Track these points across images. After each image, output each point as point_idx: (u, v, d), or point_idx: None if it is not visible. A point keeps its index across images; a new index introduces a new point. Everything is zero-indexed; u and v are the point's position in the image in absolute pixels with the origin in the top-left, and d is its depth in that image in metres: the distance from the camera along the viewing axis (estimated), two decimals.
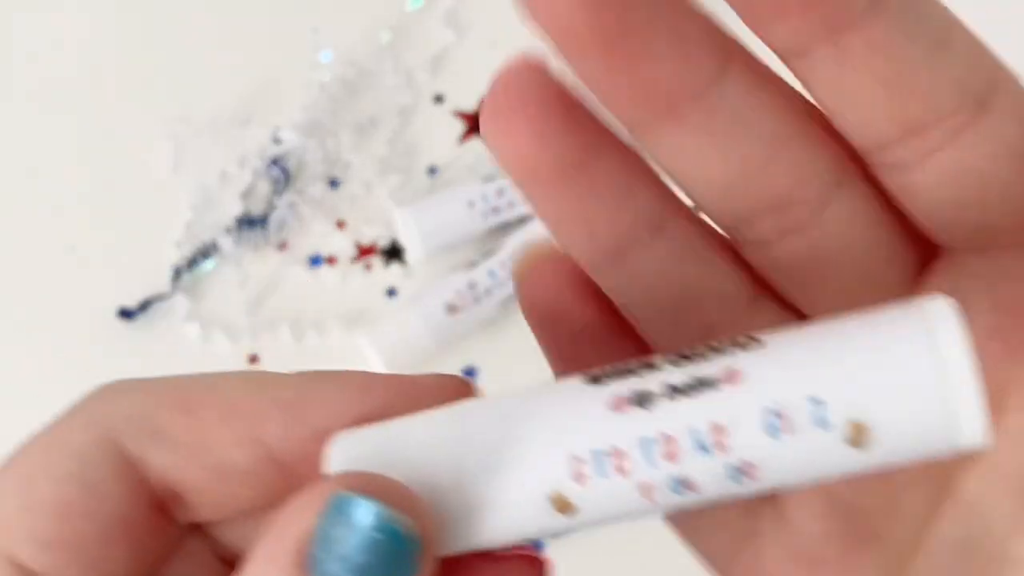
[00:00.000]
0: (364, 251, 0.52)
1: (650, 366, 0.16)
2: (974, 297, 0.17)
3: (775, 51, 0.17)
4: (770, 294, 0.19)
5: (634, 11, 0.17)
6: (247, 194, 0.52)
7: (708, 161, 0.18)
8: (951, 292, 0.17)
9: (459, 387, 0.18)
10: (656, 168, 0.19)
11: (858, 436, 0.15)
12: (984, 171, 0.17)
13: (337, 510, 0.15)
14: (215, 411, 0.18)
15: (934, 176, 0.17)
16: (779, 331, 0.16)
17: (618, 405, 0.15)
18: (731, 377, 0.15)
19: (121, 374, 0.19)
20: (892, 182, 0.18)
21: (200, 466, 0.18)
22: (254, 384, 0.18)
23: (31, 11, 0.56)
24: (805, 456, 0.15)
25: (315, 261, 0.51)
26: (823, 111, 0.18)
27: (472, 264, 0.48)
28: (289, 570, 0.15)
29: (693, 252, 0.19)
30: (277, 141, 0.52)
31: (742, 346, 0.15)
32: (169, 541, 0.19)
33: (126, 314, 0.50)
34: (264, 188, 0.52)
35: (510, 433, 0.16)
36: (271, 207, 0.52)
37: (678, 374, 0.15)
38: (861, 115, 0.17)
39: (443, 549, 0.16)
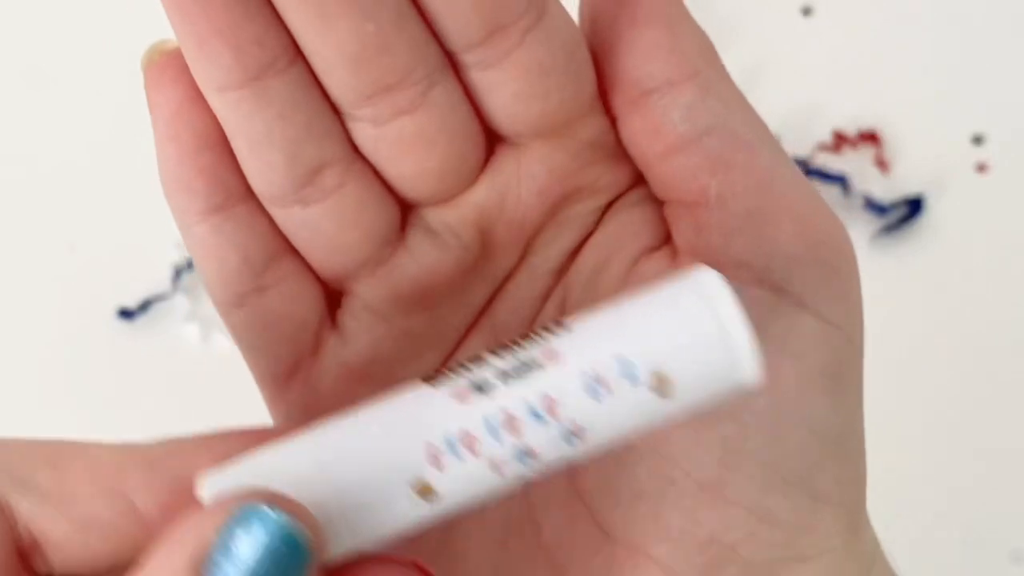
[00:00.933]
0: None
1: (478, 360, 0.18)
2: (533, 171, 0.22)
3: None
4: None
5: None
6: None
7: (340, 32, 0.20)
8: (520, 179, 0.22)
9: None
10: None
11: (662, 385, 0.17)
12: (544, 64, 0.21)
13: (243, 519, 0.16)
14: (80, 464, 0.18)
15: (508, 72, 0.21)
16: (578, 316, 0.18)
17: (460, 395, 0.18)
18: (551, 356, 0.18)
19: (121, 374, 0.19)
20: (472, 78, 0.21)
21: (64, 517, 0.18)
22: (119, 446, 0.19)
23: (32, 10, 0.56)
24: (623, 411, 0.17)
25: None
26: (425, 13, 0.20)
27: None
28: (193, 562, 0.16)
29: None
30: None
31: (552, 332, 0.18)
32: None
33: (126, 314, 0.50)
34: None
35: (368, 437, 0.18)
36: None
37: (505, 362, 0.18)
38: (454, 15, 0.20)
39: (328, 555, 0.17)
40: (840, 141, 0.52)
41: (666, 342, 0.18)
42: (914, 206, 0.51)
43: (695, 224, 0.21)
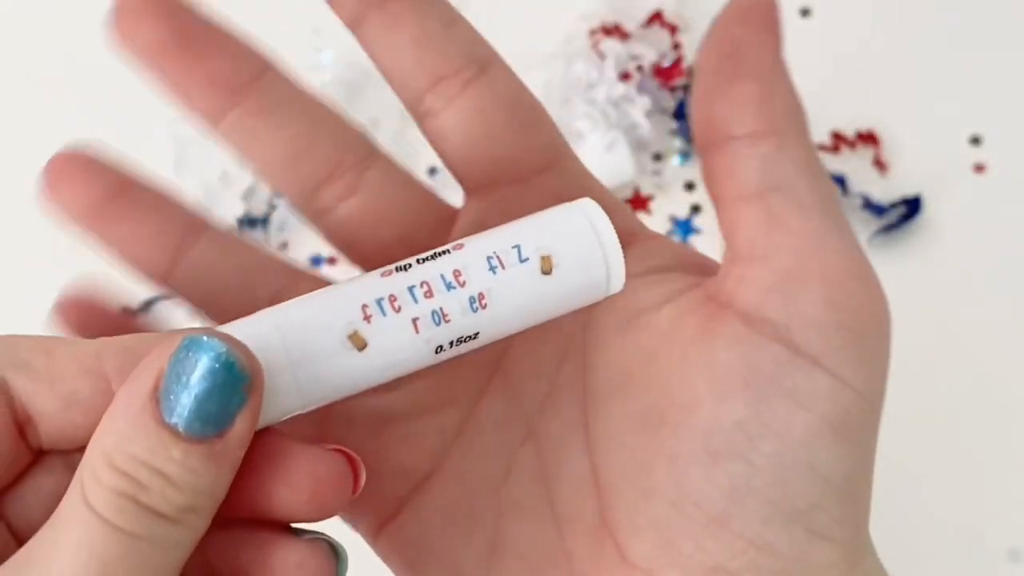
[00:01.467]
0: None
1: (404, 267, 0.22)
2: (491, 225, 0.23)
3: (345, 23, 0.27)
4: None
5: (192, 23, 0.28)
6: (248, 194, 0.52)
7: (271, 138, 0.25)
8: (479, 224, 0.25)
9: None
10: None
11: (547, 265, 0.22)
12: (486, 111, 0.25)
13: (186, 348, 0.20)
14: (67, 350, 0.22)
15: (453, 118, 0.25)
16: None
17: (386, 273, 0.22)
18: (459, 247, 0.22)
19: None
20: (428, 127, 0.26)
21: (53, 394, 0.21)
22: (101, 339, 0.22)
23: (34, 10, 0.56)
24: (516, 285, 0.22)
25: (316, 261, 0.52)
26: (381, 71, 0.26)
27: None
28: (145, 400, 0.20)
29: (233, 244, 0.27)
30: None
31: (463, 240, 0.22)
32: (22, 461, 0.22)
33: (129, 314, 0.50)
34: (265, 189, 0.52)
35: (313, 303, 0.22)
36: (272, 208, 0.52)
37: (423, 255, 0.22)
38: (403, 68, 0.26)
39: (282, 408, 0.21)
40: (838, 142, 0.53)
41: (551, 234, 0.22)
42: (912, 206, 0.51)
43: (739, 274, 0.23)
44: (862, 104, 0.54)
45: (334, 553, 0.22)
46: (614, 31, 0.54)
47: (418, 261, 0.22)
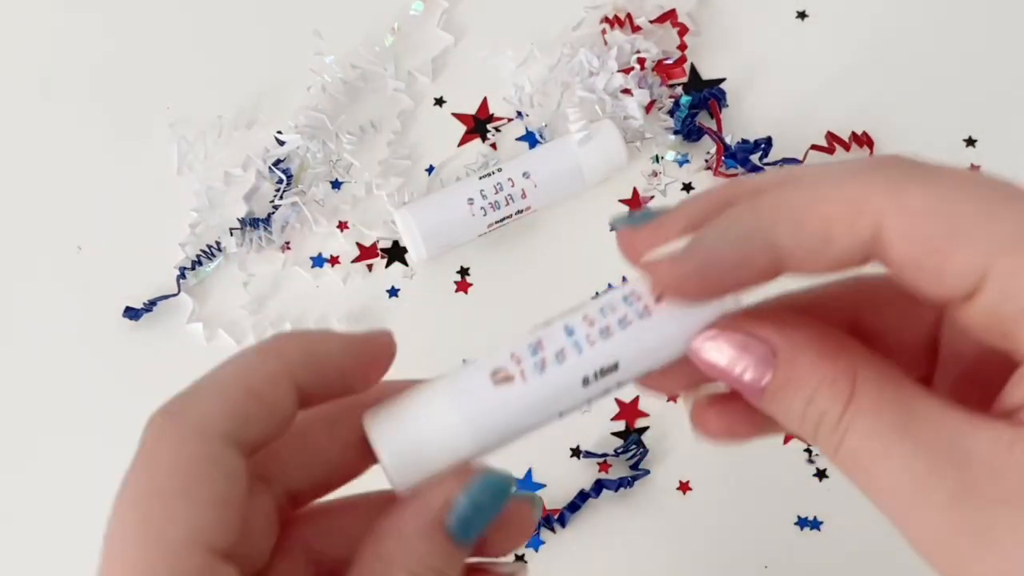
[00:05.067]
0: (366, 252, 0.52)
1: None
2: None
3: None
4: None
5: None
6: (250, 195, 0.52)
7: None
8: None
9: (389, 336, 0.27)
10: None
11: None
12: None
13: (489, 483, 0.26)
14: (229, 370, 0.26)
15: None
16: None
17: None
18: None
19: (126, 373, 0.21)
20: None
21: (270, 421, 0.25)
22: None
23: (37, 12, 0.56)
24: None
25: (318, 261, 0.52)
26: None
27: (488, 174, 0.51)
28: (435, 521, 0.25)
29: None
30: (280, 143, 0.53)
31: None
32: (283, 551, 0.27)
33: (131, 314, 0.51)
34: (267, 189, 0.53)
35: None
36: (274, 208, 0.52)
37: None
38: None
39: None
40: (833, 142, 0.53)
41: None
42: None
43: None
44: (857, 106, 0.54)
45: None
46: (624, 22, 0.54)
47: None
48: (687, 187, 0.53)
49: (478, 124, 0.54)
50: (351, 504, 0.28)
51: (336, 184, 0.53)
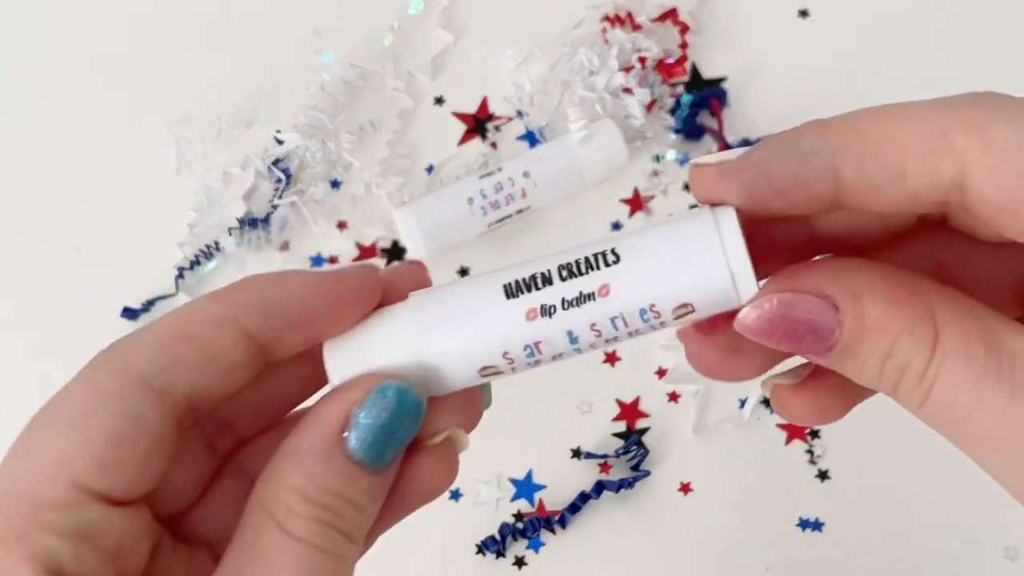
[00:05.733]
0: (365, 251, 0.52)
1: (547, 280, 0.23)
2: None
3: None
4: None
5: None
6: (249, 195, 0.52)
7: None
8: None
9: (370, 272, 0.25)
10: None
11: (682, 313, 0.23)
12: None
13: (383, 391, 0.23)
14: (207, 327, 0.23)
15: None
16: (625, 238, 0.23)
17: (530, 315, 0.23)
18: (603, 290, 0.23)
19: None
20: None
21: (214, 376, 0.23)
22: (228, 292, 0.24)
23: (35, 12, 0.56)
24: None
25: (317, 261, 0.52)
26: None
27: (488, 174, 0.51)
28: (334, 440, 0.23)
29: None
30: (279, 142, 0.53)
31: (606, 263, 0.23)
32: (209, 466, 0.25)
33: (130, 314, 0.50)
34: (266, 189, 0.52)
35: (451, 333, 0.24)
36: (273, 208, 0.52)
37: (568, 289, 0.23)
38: None
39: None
40: None
41: (687, 288, 0.23)
42: None
43: None
44: (858, 104, 0.53)
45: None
46: (624, 20, 0.54)
47: (564, 304, 0.24)
48: (688, 186, 0.52)
49: (478, 123, 0.54)
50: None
51: (335, 184, 0.53)
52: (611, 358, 0.50)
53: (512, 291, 0.24)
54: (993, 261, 0.24)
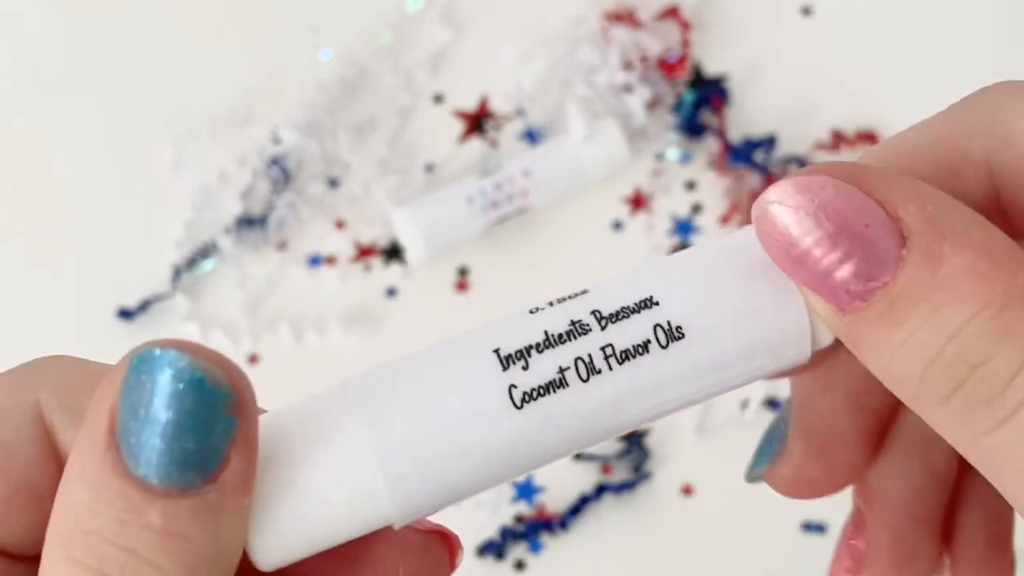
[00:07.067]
0: (364, 251, 0.52)
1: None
2: None
3: None
4: None
5: None
6: (246, 194, 0.52)
7: None
8: None
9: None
10: None
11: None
12: None
13: (136, 370, 0.14)
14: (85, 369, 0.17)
15: None
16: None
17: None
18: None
19: None
20: None
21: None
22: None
23: (30, 11, 0.56)
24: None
25: (315, 261, 0.51)
26: None
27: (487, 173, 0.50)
28: (101, 453, 0.14)
29: None
30: (276, 141, 0.52)
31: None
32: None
33: (126, 314, 0.50)
34: (263, 188, 0.52)
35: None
36: (270, 207, 0.52)
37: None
38: None
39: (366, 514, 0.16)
40: (838, 140, 0.52)
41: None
42: None
43: None
44: (862, 103, 0.53)
45: None
46: (625, 18, 0.54)
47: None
48: (690, 185, 0.52)
49: (478, 122, 0.53)
50: None
51: (333, 182, 0.52)
52: None
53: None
54: None
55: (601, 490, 0.47)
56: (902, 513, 0.21)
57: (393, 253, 0.51)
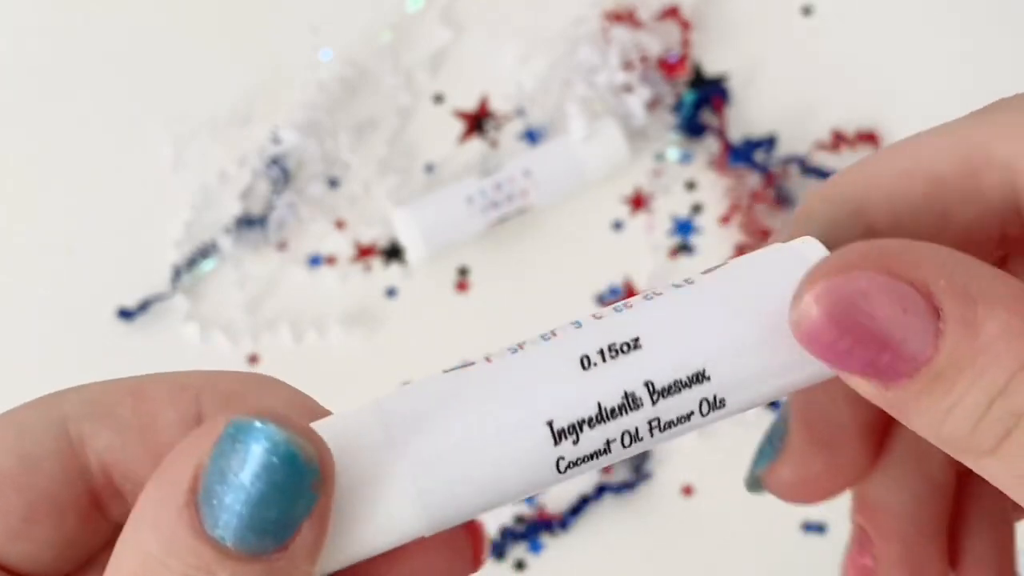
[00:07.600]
0: (364, 251, 0.52)
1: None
2: None
3: None
4: None
5: None
6: (246, 194, 0.52)
7: None
8: None
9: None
10: None
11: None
12: None
13: (232, 437, 0.15)
14: (163, 391, 0.18)
15: None
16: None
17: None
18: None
19: (121, 374, 0.19)
20: None
21: (143, 447, 0.18)
22: (201, 373, 0.18)
23: (29, 11, 0.56)
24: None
25: (314, 261, 0.51)
26: None
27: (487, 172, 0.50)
28: (179, 508, 0.15)
29: None
30: (276, 141, 0.52)
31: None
32: (99, 536, 0.18)
33: (125, 314, 0.50)
34: (263, 188, 0.52)
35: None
36: (270, 207, 0.52)
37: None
38: None
39: (394, 527, 0.17)
40: (838, 140, 0.52)
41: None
42: None
43: None
44: (863, 103, 0.53)
45: None
46: (625, 18, 0.54)
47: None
48: (690, 185, 0.52)
49: (478, 122, 0.53)
50: None
51: (333, 182, 0.52)
52: None
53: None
54: None
55: (601, 490, 0.47)
56: (907, 523, 0.22)
57: (393, 253, 0.51)
